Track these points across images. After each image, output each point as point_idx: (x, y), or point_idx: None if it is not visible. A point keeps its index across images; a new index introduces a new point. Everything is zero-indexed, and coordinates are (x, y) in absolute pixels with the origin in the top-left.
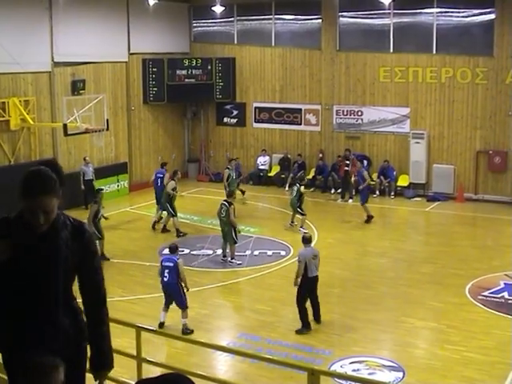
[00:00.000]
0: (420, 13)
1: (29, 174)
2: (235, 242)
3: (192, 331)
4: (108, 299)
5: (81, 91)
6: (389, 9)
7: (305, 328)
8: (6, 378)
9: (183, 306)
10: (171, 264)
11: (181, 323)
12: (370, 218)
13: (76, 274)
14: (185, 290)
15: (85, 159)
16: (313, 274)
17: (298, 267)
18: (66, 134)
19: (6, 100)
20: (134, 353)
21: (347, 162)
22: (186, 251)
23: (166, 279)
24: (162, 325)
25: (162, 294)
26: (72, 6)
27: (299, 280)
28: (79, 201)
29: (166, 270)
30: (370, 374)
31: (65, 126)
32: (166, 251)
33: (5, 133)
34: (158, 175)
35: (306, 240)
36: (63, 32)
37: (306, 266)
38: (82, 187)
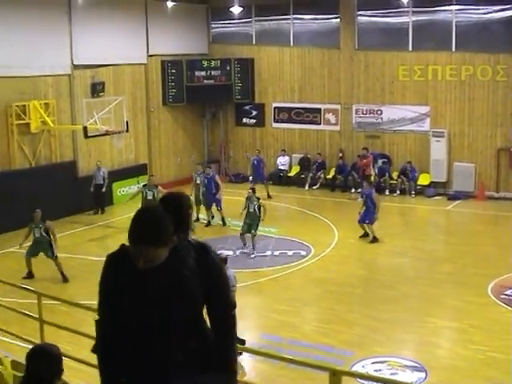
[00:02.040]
0: (439, 10)
1: (140, 214)
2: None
3: None
4: None
5: (100, 93)
6: (407, 7)
7: None
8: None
9: None
10: None
11: None
12: (374, 240)
13: (204, 297)
14: None
15: (97, 164)
16: None
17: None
18: (86, 136)
19: (27, 103)
20: None
21: (364, 160)
22: None
23: None
24: None
25: None
26: (91, 9)
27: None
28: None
29: None
30: (392, 374)
31: (85, 128)
32: None
33: (25, 135)
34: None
35: (224, 261)
36: (83, 35)
37: None
38: (91, 190)
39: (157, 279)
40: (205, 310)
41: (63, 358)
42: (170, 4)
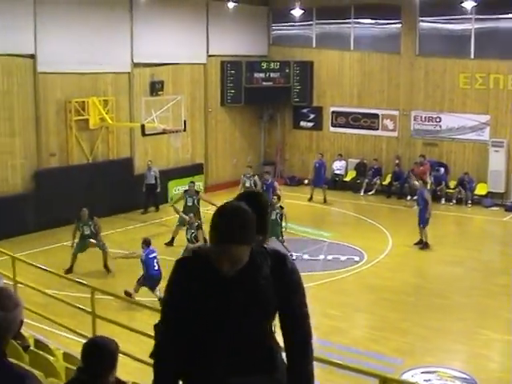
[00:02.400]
0: (502, 18)
1: (224, 211)
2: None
3: None
4: None
5: (159, 92)
6: (470, 13)
7: None
8: None
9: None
10: (156, 254)
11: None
12: (425, 246)
13: (277, 310)
14: None
15: (148, 163)
16: None
17: None
18: (143, 134)
19: (86, 99)
20: None
21: (421, 167)
22: None
23: (156, 268)
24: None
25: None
26: (152, 8)
27: None
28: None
29: (155, 261)
30: None
31: (142, 126)
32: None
33: (84, 131)
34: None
35: None
36: (143, 33)
37: None
38: (143, 190)
39: (237, 285)
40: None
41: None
42: (231, 5)
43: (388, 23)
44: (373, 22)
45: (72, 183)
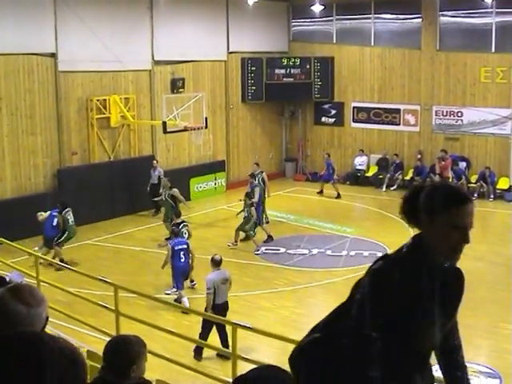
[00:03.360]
0: None
1: (442, 187)
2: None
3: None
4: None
5: (180, 89)
6: (491, 7)
7: (197, 354)
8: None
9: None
10: (185, 246)
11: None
12: None
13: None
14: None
15: (153, 163)
16: (221, 300)
17: (206, 296)
18: (165, 131)
19: (108, 97)
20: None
21: (443, 162)
22: (282, 250)
23: (182, 261)
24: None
25: (182, 279)
26: (172, 6)
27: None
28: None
29: (182, 252)
30: None
31: (164, 123)
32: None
33: (105, 129)
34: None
35: (216, 262)
36: (164, 31)
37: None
38: (148, 189)
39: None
40: None
41: None
42: (251, 1)
43: (408, 18)
44: (393, 17)
45: (94, 181)
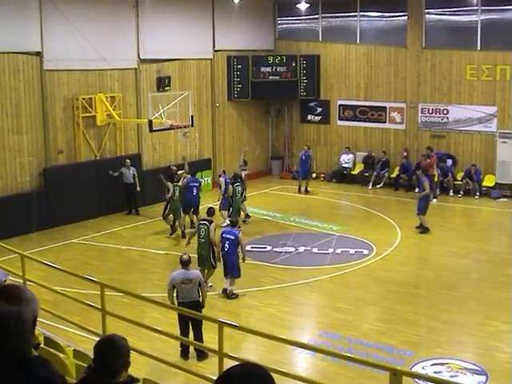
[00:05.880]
0: (509, 9)
1: None
2: (214, 267)
3: (237, 295)
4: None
5: (166, 88)
6: (476, 5)
7: (199, 355)
8: None
9: (236, 275)
10: (232, 237)
11: (227, 289)
12: (425, 230)
13: None
14: (240, 261)
15: (125, 162)
16: (186, 299)
17: (167, 291)
18: (150, 129)
19: (93, 96)
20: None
21: (428, 160)
22: (269, 248)
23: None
24: (225, 291)
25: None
26: (158, 4)
27: (175, 303)
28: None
29: (227, 242)
30: (451, 376)
31: (150, 122)
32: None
33: (91, 128)
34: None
35: (182, 262)
36: (149, 29)
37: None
38: (124, 190)
39: None
40: None
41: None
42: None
43: (394, 16)
44: (379, 14)
45: (80, 180)
